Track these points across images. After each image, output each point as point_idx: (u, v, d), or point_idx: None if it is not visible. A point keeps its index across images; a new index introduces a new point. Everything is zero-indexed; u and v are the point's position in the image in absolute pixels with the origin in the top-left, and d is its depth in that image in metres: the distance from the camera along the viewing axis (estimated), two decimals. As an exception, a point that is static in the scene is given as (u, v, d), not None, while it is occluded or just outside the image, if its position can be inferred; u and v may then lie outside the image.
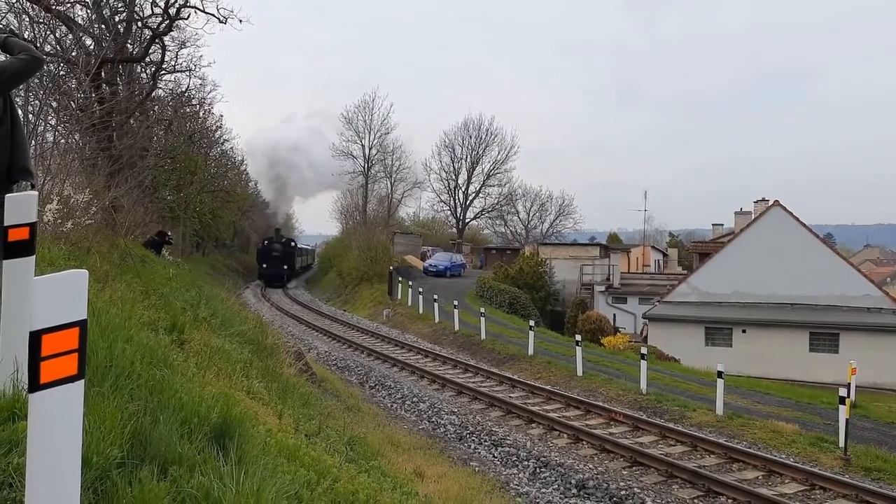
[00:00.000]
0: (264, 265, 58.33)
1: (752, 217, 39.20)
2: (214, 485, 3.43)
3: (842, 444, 12.16)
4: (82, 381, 2.19)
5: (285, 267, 58.93)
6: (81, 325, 2.15)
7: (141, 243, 16.55)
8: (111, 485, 3.24)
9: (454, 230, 74.26)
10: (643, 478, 10.75)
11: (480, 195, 74.14)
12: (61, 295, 2.10)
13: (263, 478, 3.76)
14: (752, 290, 33.78)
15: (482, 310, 26.59)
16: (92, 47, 17.27)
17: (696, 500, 9.93)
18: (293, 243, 63.48)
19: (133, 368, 4.49)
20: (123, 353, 4.58)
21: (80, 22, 17.72)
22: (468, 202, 74.03)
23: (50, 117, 13.02)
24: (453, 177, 73.24)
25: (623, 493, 9.94)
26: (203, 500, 3.35)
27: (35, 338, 2.00)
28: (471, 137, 72.49)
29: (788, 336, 32.02)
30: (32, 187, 4.19)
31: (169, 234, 21.06)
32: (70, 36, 17.15)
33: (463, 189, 73.54)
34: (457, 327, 26.92)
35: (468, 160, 73.02)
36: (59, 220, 8.41)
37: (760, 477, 10.95)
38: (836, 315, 31.99)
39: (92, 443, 3.34)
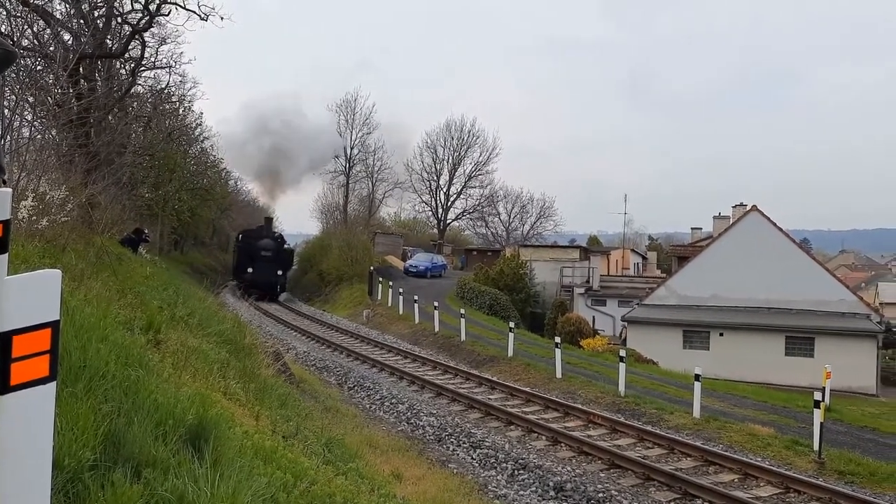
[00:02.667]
0: (249, 269, 42.64)
1: (731, 221, 39.57)
2: (189, 488, 3.39)
3: (816, 447, 12.30)
4: (54, 383, 2.15)
5: (279, 272, 44.24)
6: (54, 326, 2.10)
7: (118, 241, 16.38)
8: (83, 487, 3.19)
9: (435, 231, 74.23)
10: (621, 480, 10.79)
11: (462, 196, 74.21)
12: (33, 295, 2.05)
13: (239, 480, 3.72)
14: (729, 294, 34.08)
15: (462, 311, 26.58)
16: (70, 42, 17.05)
17: (672, 503, 9.99)
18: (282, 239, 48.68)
19: (107, 369, 4.42)
20: (98, 354, 4.52)
21: (58, 17, 17.49)
22: (450, 203, 74.03)
23: (26, 112, 12.83)
24: (435, 178, 73.24)
25: (601, 495, 9.97)
26: (177, 503, 3.31)
27: (5, 339, 1.96)
28: (452, 139, 72.54)
29: (765, 340, 32.35)
30: (4, 183, 4.11)
31: (146, 231, 20.86)
32: (48, 31, 16.93)
33: (444, 190, 73.54)
34: (437, 328, 26.88)
35: (450, 161, 73.07)
36: (34, 217, 8.29)
37: (736, 480, 11.03)
38: (812, 319, 32.36)
39: (64, 445, 3.29)
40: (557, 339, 19.81)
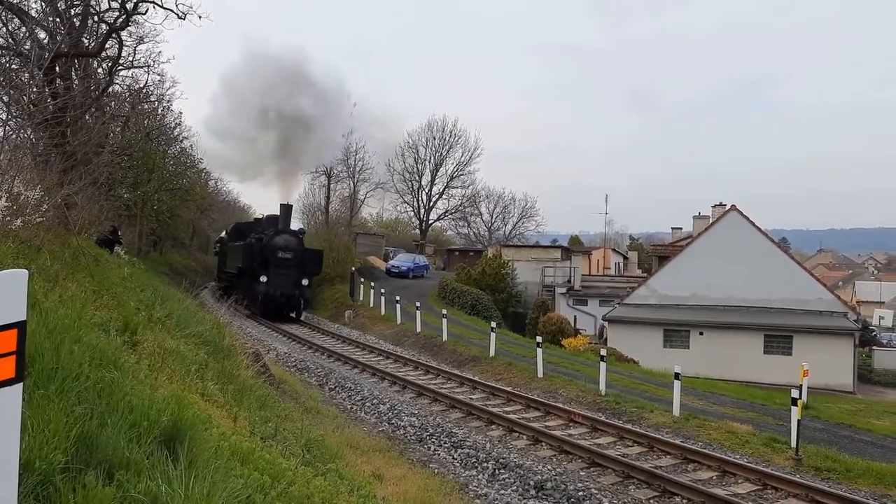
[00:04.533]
0: (263, 278, 31.49)
1: (710, 221, 39.89)
2: (162, 489, 3.36)
3: (794, 444, 12.42)
4: (20, 384, 2.12)
5: (304, 282, 32.98)
6: (20, 326, 2.08)
7: (95, 241, 16.22)
8: (54, 490, 3.16)
9: (417, 231, 74.18)
10: (600, 478, 10.83)
11: (444, 196, 74.22)
12: (-1, 295, 2.03)
13: (214, 482, 3.69)
14: (709, 293, 34.38)
15: (444, 311, 26.59)
16: (46, 41, 16.84)
17: (651, 501, 10.04)
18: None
19: (81, 370, 4.38)
20: (71, 355, 4.47)
21: (33, 15, 17.26)
22: (432, 203, 74.03)
23: (0, 112, 12.65)
24: (417, 178, 73.19)
25: (581, 493, 10.00)
26: (150, 505, 3.28)
27: (-31, 340, 1.94)
28: (434, 139, 72.53)
29: (744, 338, 32.67)
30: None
31: (119, 232, 20.66)
32: (23, 29, 16.70)
33: (426, 190, 73.53)
34: (419, 329, 26.87)
35: (432, 161, 73.08)
36: (8, 218, 8.18)
37: (715, 477, 11.12)
38: (790, 318, 32.72)
39: (34, 447, 3.25)
40: (539, 339, 19.86)
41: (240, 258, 33.61)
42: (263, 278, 31.52)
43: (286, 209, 34.76)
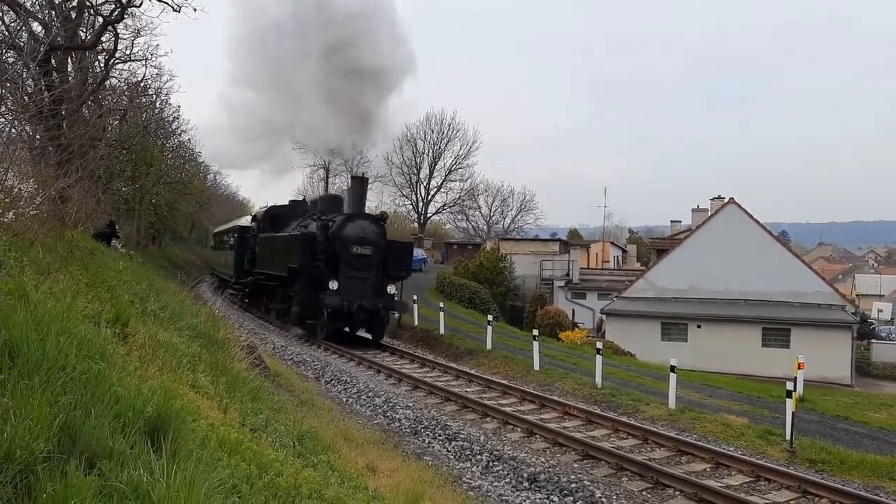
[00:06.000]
0: (333, 284, 21.91)
1: (709, 214, 39.88)
2: (144, 478, 3.37)
3: (788, 436, 12.44)
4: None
5: (391, 290, 23.52)
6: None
7: (91, 235, 16.24)
8: (35, 479, 3.17)
9: (416, 225, 74.25)
10: (594, 471, 10.85)
11: (442, 190, 74.38)
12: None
13: (198, 471, 3.71)
14: (707, 286, 34.40)
15: (441, 304, 26.60)
16: (41, 33, 16.80)
17: (644, 492, 10.06)
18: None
19: (67, 361, 4.39)
20: (57, 346, 4.48)
21: (28, 7, 17.23)
22: (430, 197, 74.12)
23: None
24: (415, 171, 73.23)
25: (573, 485, 10.02)
26: (132, 493, 3.30)
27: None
28: (433, 132, 72.62)
29: (742, 331, 32.71)
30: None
31: (115, 224, 20.64)
32: (18, 21, 16.67)
33: (425, 184, 73.60)
34: (416, 322, 26.88)
35: (430, 155, 73.12)
36: (0, 211, 8.18)
37: (708, 469, 11.14)
38: (788, 311, 32.75)
39: (16, 436, 3.26)
40: (535, 332, 19.87)
41: (292, 254, 23.41)
42: (334, 284, 21.86)
43: (360, 184, 24.38)
